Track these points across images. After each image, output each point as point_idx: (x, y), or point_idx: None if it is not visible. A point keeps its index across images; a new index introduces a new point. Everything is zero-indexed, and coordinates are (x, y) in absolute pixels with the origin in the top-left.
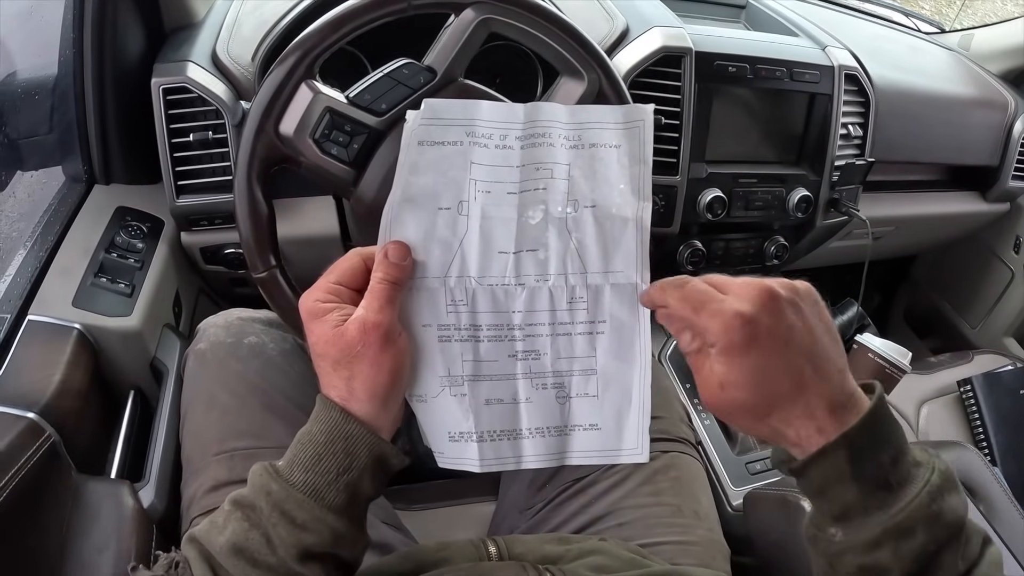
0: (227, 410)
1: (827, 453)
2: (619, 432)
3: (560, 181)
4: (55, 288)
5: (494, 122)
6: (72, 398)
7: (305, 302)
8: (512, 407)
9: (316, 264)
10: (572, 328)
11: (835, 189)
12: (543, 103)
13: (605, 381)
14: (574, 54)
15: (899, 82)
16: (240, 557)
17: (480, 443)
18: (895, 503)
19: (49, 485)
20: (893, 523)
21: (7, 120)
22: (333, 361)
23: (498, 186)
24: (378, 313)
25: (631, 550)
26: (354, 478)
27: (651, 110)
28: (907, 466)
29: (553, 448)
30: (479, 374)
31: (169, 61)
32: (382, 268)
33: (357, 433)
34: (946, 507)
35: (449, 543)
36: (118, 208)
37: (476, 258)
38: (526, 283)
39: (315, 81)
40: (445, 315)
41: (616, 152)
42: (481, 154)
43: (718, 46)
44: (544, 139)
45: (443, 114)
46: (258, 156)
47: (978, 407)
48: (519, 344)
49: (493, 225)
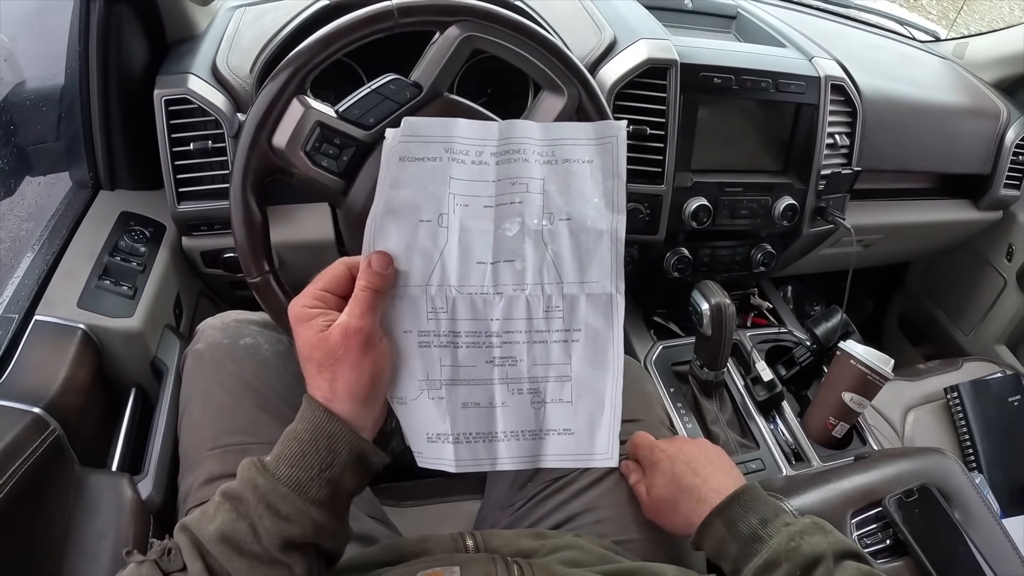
0: (222, 408)
1: (707, 524)
2: (591, 437)
3: (535, 195)
4: (61, 290)
5: (471, 139)
6: (76, 394)
7: (293, 307)
8: (488, 411)
9: (312, 269)
10: (548, 336)
11: (821, 198)
12: (518, 121)
13: (579, 388)
14: (554, 70)
15: (889, 91)
16: (227, 545)
17: (456, 444)
18: (764, 550)
19: (53, 476)
20: (762, 561)
21: (17, 128)
22: (317, 364)
23: (475, 200)
24: (360, 319)
25: (604, 546)
26: (335, 474)
27: (624, 126)
28: (778, 526)
29: (527, 451)
30: (457, 378)
31: (171, 73)
32: (365, 276)
33: (339, 432)
34: (804, 544)
35: (429, 536)
36: (122, 213)
37: (456, 268)
38: (504, 292)
39: (306, 96)
40: (425, 322)
41: (589, 167)
42: (459, 169)
43: (704, 57)
44: (519, 155)
45: (422, 131)
46: (252, 167)
47: (964, 414)
48: (496, 351)
49: (471, 237)
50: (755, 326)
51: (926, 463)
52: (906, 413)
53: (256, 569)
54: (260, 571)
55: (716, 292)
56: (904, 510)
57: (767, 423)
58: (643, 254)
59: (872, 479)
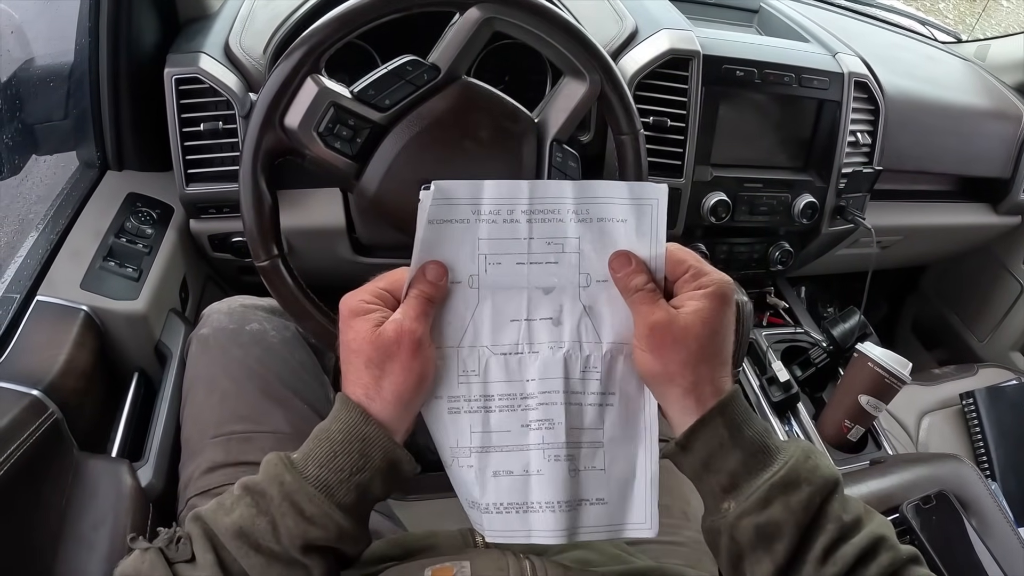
0: (226, 394)
1: (706, 421)
2: (624, 506)
3: (571, 255)
4: (64, 270)
5: (500, 199)
6: (76, 378)
7: (349, 301)
8: (523, 479)
9: (321, 255)
10: (584, 398)
11: (841, 196)
12: (549, 182)
13: (612, 455)
14: (577, 55)
15: (911, 91)
16: (243, 540)
17: (487, 515)
18: (776, 462)
19: (50, 461)
20: (779, 478)
21: (24, 105)
22: (367, 358)
23: (508, 257)
24: (414, 321)
25: (616, 546)
26: (366, 479)
27: (665, 190)
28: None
29: (563, 524)
30: (488, 445)
31: (182, 52)
32: (418, 284)
33: (374, 436)
34: (821, 464)
35: (437, 531)
36: (129, 194)
37: (488, 327)
38: (540, 351)
39: (321, 75)
40: (456, 386)
41: (623, 227)
42: (488, 229)
43: (726, 50)
44: (553, 215)
45: (450, 194)
46: (263, 147)
47: (979, 421)
48: (532, 413)
49: (504, 295)
50: (771, 325)
51: (943, 469)
52: (920, 418)
53: (272, 568)
54: (276, 570)
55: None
56: (922, 516)
57: (782, 424)
58: None
59: (889, 484)
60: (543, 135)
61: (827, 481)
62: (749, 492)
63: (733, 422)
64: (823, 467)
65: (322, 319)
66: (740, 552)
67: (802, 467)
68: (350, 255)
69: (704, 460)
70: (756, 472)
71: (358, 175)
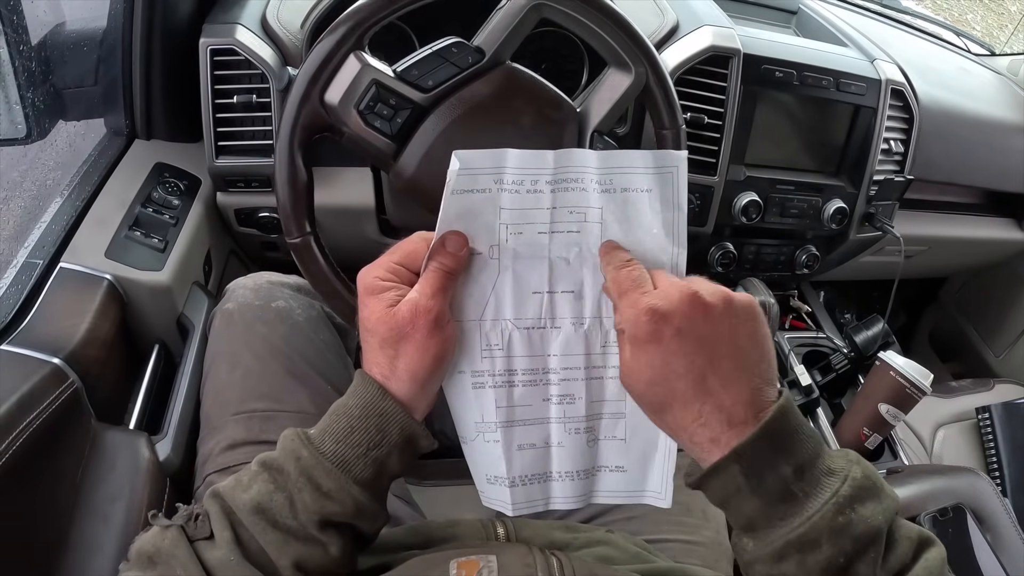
0: (249, 371)
1: (719, 469)
2: (644, 475)
3: (593, 224)
4: (89, 238)
5: (524, 169)
6: (98, 347)
7: (364, 277)
8: (544, 451)
9: (349, 234)
10: (604, 372)
11: (872, 203)
12: (573, 150)
13: (633, 426)
14: (623, 46)
15: (945, 102)
16: (261, 517)
17: (512, 488)
18: (798, 515)
19: (68, 431)
20: (795, 536)
21: (54, 69)
22: (381, 339)
23: (529, 227)
24: (430, 298)
25: (637, 544)
26: (383, 454)
27: (684, 156)
28: (816, 476)
29: (580, 490)
30: (512, 419)
31: (219, 23)
32: (438, 256)
33: (391, 411)
34: (856, 518)
35: (458, 520)
36: (157, 164)
37: (510, 299)
38: (562, 326)
39: (364, 53)
40: (480, 360)
41: (648, 196)
42: (510, 199)
43: (767, 50)
44: (575, 184)
45: (472, 164)
46: (301, 123)
47: (994, 436)
48: (554, 388)
49: (526, 265)
50: (793, 329)
51: (961, 482)
52: (936, 430)
53: (290, 544)
54: (294, 547)
55: (761, 290)
56: (938, 528)
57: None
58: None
59: (907, 494)
60: (584, 125)
61: (856, 540)
62: (765, 541)
63: (752, 469)
64: (857, 522)
65: (351, 299)
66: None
67: (828, 525)
68: (377, 236)
69: (720, 501)
70: (774, 522)
71: (396, 155)
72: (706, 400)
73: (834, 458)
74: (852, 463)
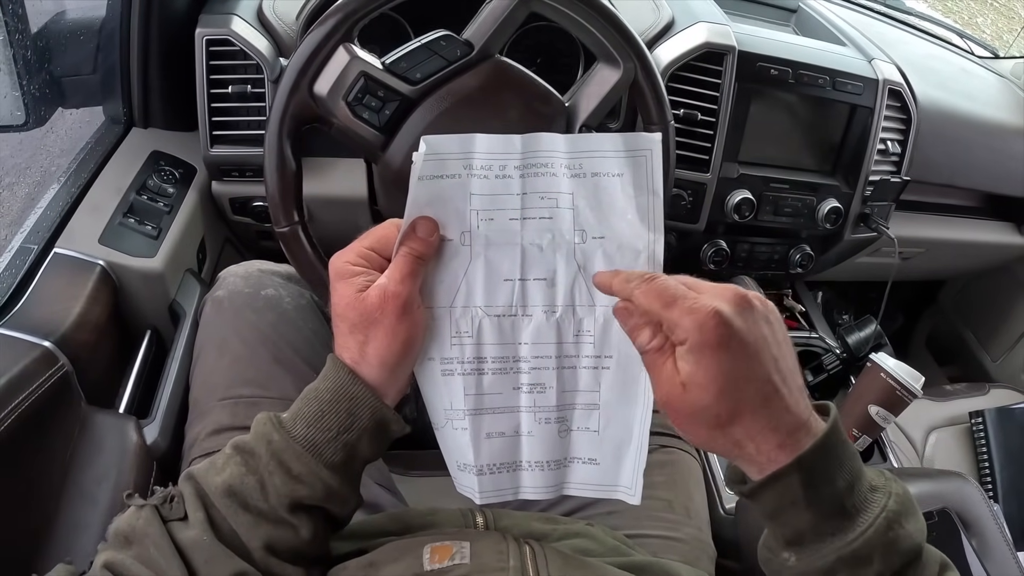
0: (237, 358)
1: (780, 477)
2: (617, 469)
3: (565, 211)
4: (84, 224)
5: (492, 154)
6: (89, 331)
7: (336, 262)
8: (513, 440)
9: (342, 225)
10: (577, 361)
11: (867, 204)
12: (541, 134)
13: (607, 417)
14: (612, 41)
15: (945, 103)
16: (233, 499)
17: (480, 476)
18: (850, 530)
19: (57, 413)
20: (849, 551)
21: (53, 56)
22: (351, 324)
23: (500, 213)
24: (399, 284)
25: (616, 538)
26: (353, 438)
27: (658, 139)
28: (863, 491)
29: (551, 481)
30: (481, 407)
31: (215, 13)
32: (408, 241)
33: (362, 395)
34: (903, 534)
35: (438, 509)
36: (153, 152)
37: (481, 286)
38: (533, 314)
39: (353, 45)
40: (448, 348)
41: (619, 181)
42: (480, 184)
43: (762, 47)
44: (545, 169)
45: (440, 149)
46: (290, 113)
47: (987, 441)
48: (524, 377)
49: (497, 252)
50: None
51: (947, 487)
52: (928, 433)
53: (261, 526)
54: (264, 529)
55: (752, 289)
56: None
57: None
58: (680, 242)
59: None
60: (573, 119)
61: (903, 556)
62: (813, 556)
63: (812, 479)
64: (904, 537)
65: None
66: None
67: (880, 540)
68: (369, 226)
69: (771, 512)
70: (825, 537)
71: (384, 147)
72: (773, 405)
73: (871, 473)
74: (890, 480)
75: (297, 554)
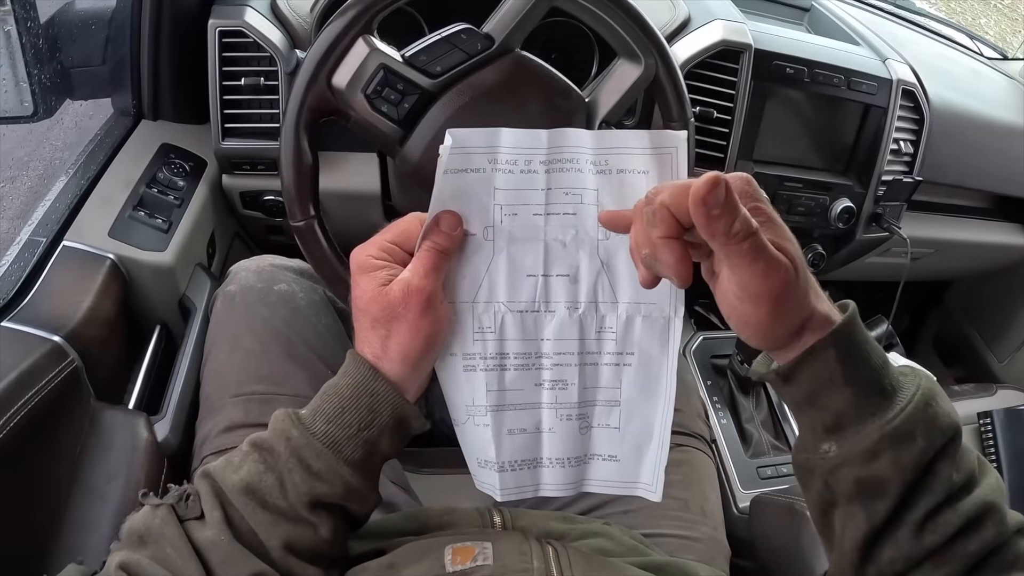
0: (250, 353)
1: (816, 351)
2: (637, 466)
3: (589, 207)
4: (93, 217)
5: (517, 148)
6: (99, 326)
7: (358, 256)
8: (534, 436)
9: (354, 220)
10: (599, 358)
11: (879, 204)
12: (567, 129)
13: (628, 414)
14: (634, 37)
15: (956, 104)
16: (251, 497)
17: (501, 473)
18: (890, 408)
19: (67, 409)
20: (891, 428)
21: (62, 47)
22: (373, 318)
23: (524, 208)
24: (423, 278)
25: (634, 538)
26: (373, 435)
27: (684, 137)
28: (895, 372)
29: (571, 477)
30: (503, 404)
31: (228, 4)
32: (432, 235)
33: (383, 392)
34: (940, 412)
35: (455, 508)
36: (163, 145)
37: (504, 281)
38: (556, 310)
39: (373, 37)
40: (471, 343)
41: (645, 178)
42: (504, 179)
43: (778, 46)
44: (571, 164)
45: (465, 142)
46: (308, 106)
47: (995, 442)
48: (546, 373)
49: (521, 247)
50: None
51: None
52: None
53: (280, 525)
54: (284, 528)
55: None
56: None
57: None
58: None
59: None
60: (592, 115)
61: (943, 433)
62: (855, 439)
63: (849, 354)
64: (942, 415)
65: None
66: (833, 500)
67: (920, 416)
68: (381, 221)
69: (808, 394)
70: (866, 417)
71: (402, 141)
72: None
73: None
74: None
75: (316, 554)
